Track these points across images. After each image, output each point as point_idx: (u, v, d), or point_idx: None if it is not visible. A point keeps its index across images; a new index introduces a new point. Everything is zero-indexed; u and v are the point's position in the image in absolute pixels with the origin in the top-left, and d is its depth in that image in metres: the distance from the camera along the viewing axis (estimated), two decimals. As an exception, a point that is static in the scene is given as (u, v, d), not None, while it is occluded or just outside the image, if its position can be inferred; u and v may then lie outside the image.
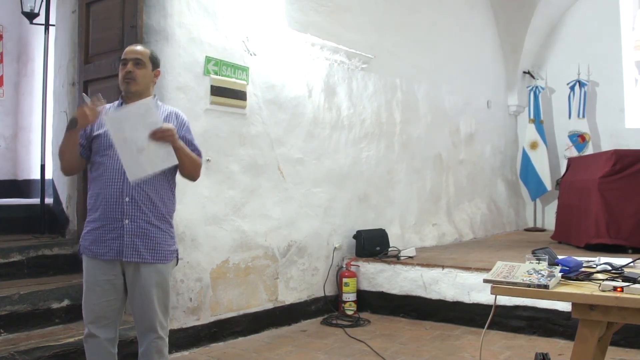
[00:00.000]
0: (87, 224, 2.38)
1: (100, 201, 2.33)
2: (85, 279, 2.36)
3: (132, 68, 2.38)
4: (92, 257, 2.34)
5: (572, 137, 7.65)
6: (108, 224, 2.31)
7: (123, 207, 2.30)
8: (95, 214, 2.34)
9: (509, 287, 1.99)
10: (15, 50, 6.50)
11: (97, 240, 2.33)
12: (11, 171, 6.44)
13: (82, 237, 2.40)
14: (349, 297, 4.65)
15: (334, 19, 4.96)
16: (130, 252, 2.31)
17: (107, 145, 2.33)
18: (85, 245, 2.36)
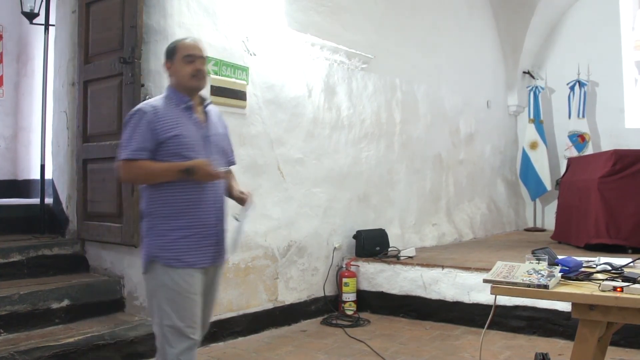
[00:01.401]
0: (171, 232, 2.18)
1: (190, 206, 2.19)
2: (179, 289, 2.16)
3: (202, 66, 2.31)
4: (186, 267, 2.18)
5: (572, 137, 7.65)
6: (203, 230, 2.22)
7: (217, 212, 2.28)
8: (183, 221, 2.18)
9: (509, 287, 1.99)
10: (15, 50, 6.50)
11: (191, 248, 2.20)
12: (11, 171, 6.44)
13: (161, 246, 2.18)
14: (349, 297, 4.65)
15: (334, 19, 4.96)
16: (221, 256, 2.34)
17: (190, 145, 2.21)
18: (174, 255, 2.17)
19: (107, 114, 3.81)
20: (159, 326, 2.19)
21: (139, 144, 2.16)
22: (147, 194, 2.24)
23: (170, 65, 2.33)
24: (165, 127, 2.18)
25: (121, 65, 3.64)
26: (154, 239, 2.20)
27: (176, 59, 2.30)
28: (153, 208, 2.22)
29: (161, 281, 2.18)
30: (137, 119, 2.20)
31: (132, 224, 3.61)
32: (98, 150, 3.88)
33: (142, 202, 2.28)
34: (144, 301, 3.69)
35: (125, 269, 3.83)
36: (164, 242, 2.18)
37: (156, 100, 2.29)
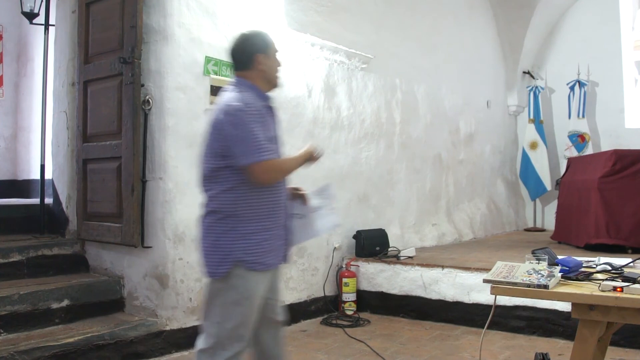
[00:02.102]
0: (255, 235, 2.12)
1: (272, 208, 2.17)
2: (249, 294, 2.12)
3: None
4: (264, 270, 2.15)
5: (571, 137, 7.65)
6: (279, 231, 2.20)
7: (286, 212, 2.26)
8: (266, 222, 2.15)
9: (509, 287, 1.99)
10: (15, 50, 6.49)
11: (271, 249, 2.17)
12: (11, 171, 6.44)
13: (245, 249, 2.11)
14: (349, 297, 4.65)
15: (333, 19, 4.96)
16: (288, 255, 2.31)
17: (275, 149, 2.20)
18: (256, 259, 2.12)
19: (107, 114, 3.81)
20: (217, 327, 2.12)
21: (264, 142, 2.09)
22: (229, 195, 2.14)
23: (265, 60, 2.24)
24: (266, 125, 2.14)
25: (121, 65, 3.64)
26: (236, 242, 2.12)
27: (271, 53, 2.26)
28: (235, 209, 2.13)
29: (235, 284, 2.11)
30: (245, 117, 2.07)
31: (132, 224, 3.61)
32: (98, 150, 3.88)
33: (215, 202, 2.18)
34: (144, 301, 3.70)
35: (125, 269, 3.82)
36: (248, 244, 2.12)
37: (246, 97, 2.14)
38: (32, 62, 6.34)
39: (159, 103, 3.65)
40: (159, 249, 3.64)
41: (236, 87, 2.21)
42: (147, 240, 3.67)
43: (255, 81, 2.22)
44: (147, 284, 3.69)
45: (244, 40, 2.29)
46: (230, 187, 2.14)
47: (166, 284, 3.61)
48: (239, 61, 2.28)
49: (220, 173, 2.15)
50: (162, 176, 3.64)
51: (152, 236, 3.66)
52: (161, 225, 3.64)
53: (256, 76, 2.23)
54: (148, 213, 3.67)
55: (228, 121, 2.09)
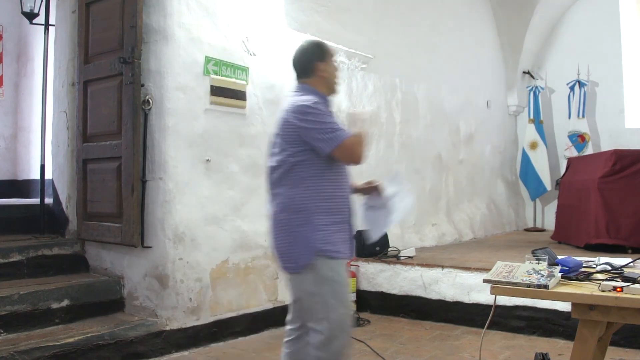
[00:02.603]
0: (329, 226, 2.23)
1: (341, 204, 2.29)
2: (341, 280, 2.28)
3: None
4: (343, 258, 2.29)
5: (571, 137, 7.66)
6: (346, 226, 2.31)
7: (352, 206, 2.35)
8: (336, 217, 2.26)
9: (509, 287, 1.99)
10: (15, 50, 6.49)
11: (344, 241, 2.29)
12: (11, 171, 6.43)
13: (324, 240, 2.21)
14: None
15: (333, 19, 4.96)
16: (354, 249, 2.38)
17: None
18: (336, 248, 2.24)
19: (107, 114, 3.81)
20: (324, 322, 2.20)
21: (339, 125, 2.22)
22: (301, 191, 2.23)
23: (325, 67, 2.38)
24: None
25: (121, 65, 3.64)
26: (313, 234, 2.21)
27: (329, 61, 2.40)
28: (308, 204, 2.22)
29: (324, 276, 2.21)
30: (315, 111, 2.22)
31: (132, 224, 3.61)
32: (98, 150, 3.88)
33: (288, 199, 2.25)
34: (144, 301, 3.70)
35: (125, 269, 3.82)
36: (325, 234, 2.21)
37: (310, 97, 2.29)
38: (32, 62, 6.34)
39: (159, 103, 3.65)
40: (159, 249, 3.64)
41: (299, 91, 2.37)
42: (147, 240, 3.67)
43: (317, 87, 2.38)
44: (147, 284, 3.69)
45: (304, 50, 2.44)
46: (301, 183, 2.23)
47: (166, 284, 3.61)
48: (301, 70, 2.44)
49: (290, 171, 2.25)
50: (162, 176, 3.64)
51: (152, 236, 3.66)
52: (161, 225, 3.64)
53: (317, 82, 2.39)
54: (148, 213, 3.67)
55: (299, 118, 2.22)
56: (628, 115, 7.55)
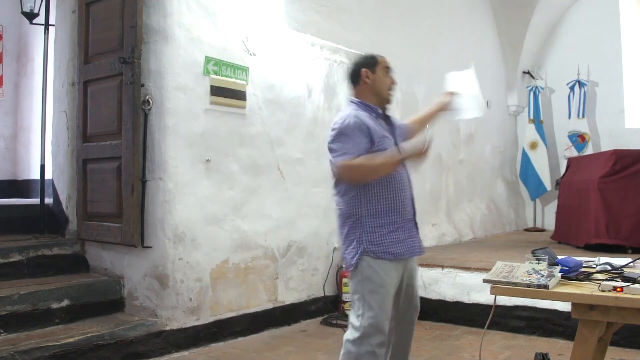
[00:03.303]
0: (378, 228, 2.36)
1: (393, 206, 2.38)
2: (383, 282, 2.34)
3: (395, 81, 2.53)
4: (392, 259, 2.36)
5: (571, 137, 7.66)
6: (404, 225, 2.41)
7: (412, 207, 2.47)
8: (388, 218, 2.37)
9: (509, 287, 1.99)
10: (15, 50, 6.49)
11: (398, 241, 2.38)
12: (11, 171, 6.44)
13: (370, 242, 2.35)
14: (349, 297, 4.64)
15: (333, 19, 4.96)
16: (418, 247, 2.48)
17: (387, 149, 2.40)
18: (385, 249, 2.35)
19: (107, 114, 3.81)
20: (360, 318, 2.32)
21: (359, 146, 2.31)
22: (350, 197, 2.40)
23: (370, 74, 2.48)
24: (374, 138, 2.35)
25: (121, 65, 3.64)
26: (362, 236, 2.36)
27: (378, 69, 2.49)
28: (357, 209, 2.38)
29: (368, 274, 2.33)
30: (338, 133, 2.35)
31: (132, 224, 3.61)
32: (98, 150, 3.88)
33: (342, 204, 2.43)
34: (144, 301, 3.70)
35: (125, 269, 3.83)
36: (374, 237, 2.35)
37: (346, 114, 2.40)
38: (32, 62, 6.34)
39: (159, 103, 3.65)
40: (159, 249, 3.64)
41: (346, 105, 2.54)
42: (147, 240, 3.67)
43: (362, 96, 2.50)
44: (147, 284, 3.69)
45: (355, 60, 2.57)
46: (350, 191, 2.40)
47: (166, 284, 3.61)
48: (350, 78, 2.56)
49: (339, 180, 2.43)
50: (162, 176, 3.64)
51: (152, 236, 3.66)
52: (161, 225, 3.64)
53: (363, 90, 2.50)
54: (148, 213, 3.67)
55: (329, 136, 2.41)
56: (628, 115, 7.55)
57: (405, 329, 2.59)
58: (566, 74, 7.75)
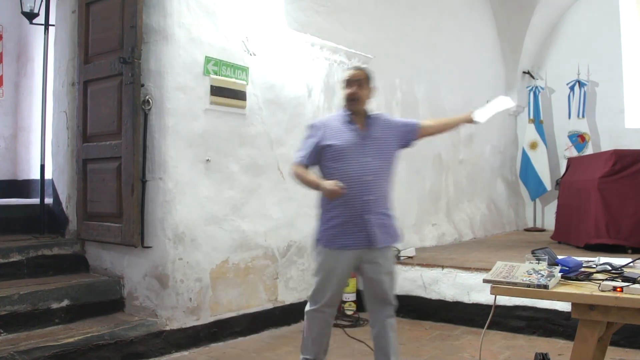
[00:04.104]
0: (329, 221, 2.72)
1: (343, 203, 2.65)
2: (323, 268, 2.74)
3: (356, 89, 2.77)
4: (337, 249, 2.70)
5: (571, 137, 7.66)
6: (354, 220, 2.67)
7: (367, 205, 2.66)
8: (337, 211, 2.69)
9: (509, 287, 1.99)
10: (15, 50, 6.49)
11: (345, 234, 2.68)
12: (11, 171, 6.44)
13: (321, 232, 2.77)
14: (349, 297, 4.64)
15: (333, 19, 4.96)
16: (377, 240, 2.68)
17: (341, 153, 2.70)
18: (330, 239, 2.71)
19: (107, 114, 3.81)
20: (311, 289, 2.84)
21: (306, 151, 2.78)
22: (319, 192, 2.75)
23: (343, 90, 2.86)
24: (325, 136, 2.74)
25: (121, 65, 3.64)
26: (319, 226, 2.80)
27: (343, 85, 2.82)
28: (319, 203, 2.82)
29: (316, 258, 2.81)
30: (308, 128, 2.86)
31: (132, 224, 3.61)
32: (98, 150, 3.88)
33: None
34: (144, 301, 3.70)
35: (125, 269, 3.83)
36: (324, 228, 2.75)
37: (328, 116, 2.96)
38: (32, 62, 6.34)
39: (159, 103, 3.65)
40: (159, 249, 3.64)
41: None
42: (147, 240, 3.67)
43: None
44: (147, 284, 3.69)
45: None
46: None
47: (166, 284, 3.61)
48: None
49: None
50: (162, 176, 3.64)
51: (152, 236, 3.66)
52: (161, 225, 3.64)
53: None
54: (148, 213, 3.67)
55: None
56: (628, 115, 7.55)
57: (381, 324, 2.78)
58: (566, 74, 7.75)
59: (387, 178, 2.79)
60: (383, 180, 2.76)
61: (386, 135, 2.82)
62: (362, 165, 2.68)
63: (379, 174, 2.72)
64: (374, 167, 2.70)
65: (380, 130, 2.80)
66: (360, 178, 2.67)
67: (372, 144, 2.74)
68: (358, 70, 2.89)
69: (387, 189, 2.80)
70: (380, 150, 2.76)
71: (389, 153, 2.82)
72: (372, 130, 2.78)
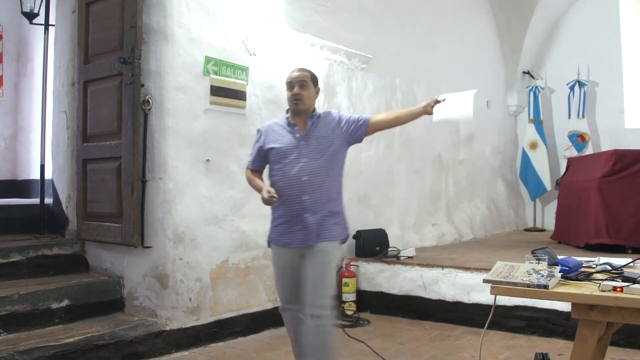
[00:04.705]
0: (274, 220, 2.81)
1: (283, 202, 2.71)
2: (275, 263, 2.84)
3: (299, 90, 2.77)
4: (279, 246, 2.77)
5: (571, 137, 7.66)
6: (294, 219, 2.71)
7: (303, 204, 2.69)
8: (279, 212, 2.77)
9: (509, 287, 1.99)
10: (15, 50, 6.49)
11: (285, 233, 2.74)
12: (11, 171, 6.44)
13: (270, 231, 2.84)
14: (349, 297, 4.65)
15: (333, 19, 4.96)
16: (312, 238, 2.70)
17: (281, 156, 2.75)
18: (273, 237, 2.80)
19: (107, 114, 3.81)
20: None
21: (252, 156, 2.88)
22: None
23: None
24: (267, 140, 2.81)
25: (121, 65, 3.64)
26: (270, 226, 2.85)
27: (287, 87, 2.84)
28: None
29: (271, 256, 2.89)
30: (256, 135, 2.90)
31: (132, 224, 3.61)
32: (98, 150, 3.88)
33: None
34: (144, 301, 3.70)
35: (125, 269, 3.83)
36: (271, 226, 2.83)
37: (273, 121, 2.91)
38: (32, 62, 6.34)
39: (159, 103, 3.65)
40: (159, 249, 3.64)
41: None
42: (147, 240, 3.67)
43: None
44: (147, 284, 3.69)
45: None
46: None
47: (166, 284, 3.61)
48: None
49: None
50: (162, 176, 3.64)
51: (152, 236, 3.66)
52: (161, 225, 3.64)
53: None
54: (148, 213, 3.67)
55: None
56: (628, 115, 7.55)
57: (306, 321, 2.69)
58: (566, 74, 7.75)
59: (329, 177, 2.77)
60: (323, 180, 2.73)
61: (329, 134, 2.81)
62: (300, 166, 2.70)
63: (316, 174, 2.71)
64: (312, 167, 2.70)
65: (323, 129, 2.80)
66: (297, 179, 2.70)
67: (311, 145, 2.75)
68: (301, 71, 2.88)
69: (330, 187, 2.78)
70: (320, 150, 2.75)
71: (332, 151, 2.79)
72: (313, 131, 2.78)
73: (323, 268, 2.70)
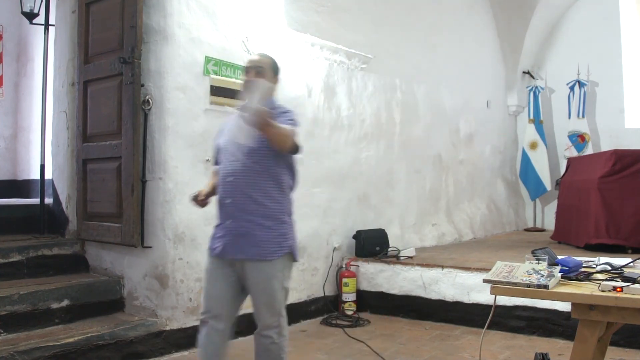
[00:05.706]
0: (214, 228, 2.53)
1: (219, 209, 2.48)
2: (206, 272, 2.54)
3: (254, 77, 2.45)
4: (211, 255, 2.50)
5: (571, 137, 7.66)
6: (220, 223, 2.47)
7: (226, 209, 2.43)
8: (218, 219, 2.50)
9: (509, 287, 1.99)
10: (15, 50, 6.49)
11: (216, 239, 2.48)
12: (11, 171, 6.43)
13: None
14: (349, 297, 4.65)
15: (333, 19, 4.96)
16: (233, 250, 2.40)
17: (221, 153, 2.52)
18: (209, 245, 2.53)
19: (107, 114, 3.81)
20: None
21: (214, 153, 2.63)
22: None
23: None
24: (218, 135, 2.60)
25: (121, 65, 3.64)
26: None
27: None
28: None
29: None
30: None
31: (131, 224, 3.61)
32: (98, 150, 3.88)
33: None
34: (144, 301, 3.70)
35: (125, 269, 3.82)
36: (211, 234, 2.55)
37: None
38: (32, 62, 6.34)
39: (159, 103, 3.65)
40: (159, 249, 3.64)
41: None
42: (147, 240, 3.67)
43: None
44: (147, 284, 3.69)
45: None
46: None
47: (166, 284, 3.61)
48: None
49: None
50: (162, 176, 3.64)
51: (152, 236, 3.66)
52: (161, 225, 3.64)
53: None
54: (148, 213, 3.67)
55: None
56: (628, 115, 7.55)
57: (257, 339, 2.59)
58: (566, 74, 7.75)
59: (258, 179, 2.37)
60: (250, 182, 2.37)
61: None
62: (228, 166, 2.41)
63: (242, 175, 2.37)
64: (240, 167, 2.37)
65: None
66: (224, 179, 2.42)
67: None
68: (262, 56, 2.57)
69: (258, 192, 2.37)
70: (252, 148, 2.34)
71: (264, 151, 2.37)
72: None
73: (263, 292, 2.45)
